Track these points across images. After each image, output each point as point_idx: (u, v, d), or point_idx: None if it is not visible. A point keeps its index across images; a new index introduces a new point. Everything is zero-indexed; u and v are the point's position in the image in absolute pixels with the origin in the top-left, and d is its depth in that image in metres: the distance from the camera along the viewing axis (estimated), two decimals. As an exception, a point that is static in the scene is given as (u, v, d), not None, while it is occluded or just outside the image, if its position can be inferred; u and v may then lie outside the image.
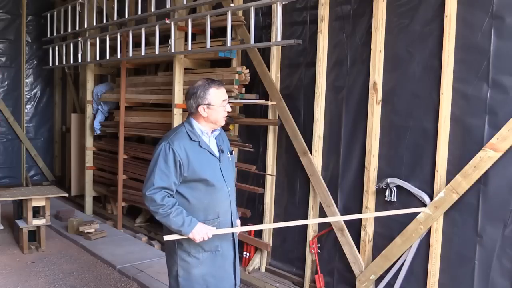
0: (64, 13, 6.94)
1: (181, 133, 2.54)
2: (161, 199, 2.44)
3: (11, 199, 5.24)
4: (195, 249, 2.57)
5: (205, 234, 2.49)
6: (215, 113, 2.55)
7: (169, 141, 2.49)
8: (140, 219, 6.23)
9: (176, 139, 2.50)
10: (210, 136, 2.63)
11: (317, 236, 4.05)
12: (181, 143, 2.49)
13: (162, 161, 2.46)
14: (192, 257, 2.58)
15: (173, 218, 2.45)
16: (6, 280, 4.41)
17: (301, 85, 4.20)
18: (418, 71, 3.34)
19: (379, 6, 3.48)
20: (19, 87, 8.39)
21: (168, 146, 2.47)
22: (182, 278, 2.60)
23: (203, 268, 2.60)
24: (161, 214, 2.46)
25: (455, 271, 3.16)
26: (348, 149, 3.82)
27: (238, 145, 4.70)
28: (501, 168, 2.91)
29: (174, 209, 2.46)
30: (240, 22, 4.62)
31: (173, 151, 2.45)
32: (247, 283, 4.45)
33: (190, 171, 2.49)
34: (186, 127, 2.57)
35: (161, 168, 2.46)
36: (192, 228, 2.46)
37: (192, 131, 2.55)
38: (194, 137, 2.54)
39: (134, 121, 6.01)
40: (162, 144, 2.50)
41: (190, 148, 2.50)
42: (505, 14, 2.89)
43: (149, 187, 2.46)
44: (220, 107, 2.55)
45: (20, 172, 8.43)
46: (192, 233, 2.47)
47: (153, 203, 2.45)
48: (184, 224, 2.45)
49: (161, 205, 2.44)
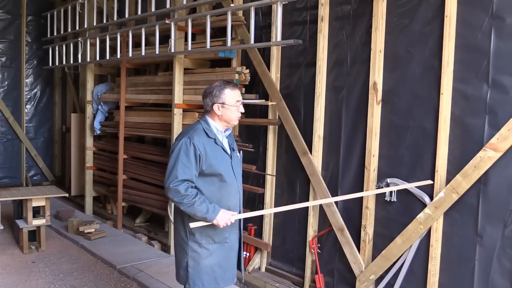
0: (64, 13, 6.95)
1: (199, 130, 2.70)
2: (185, 190, 2.58)
3: (11, 199, 5.24)
4: (206, 240, 2.73)
5: (228, 219, 2.65)
6: (229, 112, 2.73)
7: (189, 136, 2.65)
8: (140, 219, 6.23)
9: (196, 135, 2.66)
10: (223, 135, 2.80)
11: (317, 236, 4.05)
12: (200, 139, 2.66)
13: (183, 155, 2.61)
14: (203, 248, 2.73)
15: (198, 207, 2.58)
16: (6, 280, 4.41)
17: (301, 85, 4.20)
18: (418, 71, 3.34)
19: (379, 6, 3.48)
20: (19, 87, 8.39)
21: (189, 141, 2.62)
22: (192, 268, 2.74)
23: (212, 259, 2.75)
24: (186, 204, 2.58)
25: (455, 271, 3.16)
26: (348, 149, 3.82)
27: (238, 145, 4.70)
28: (501, 168, 2.91)
29: (198, 198, 2.60)
30: (240, 22, 4.62)
31: (194, 145, 2.61)
32: (247, 283, 4.45)
33: (207, 165, 2.65)
34: (203, 124, 2.74)
35: (183, 161, 2.60)
36: (217, 214, 2.62)
37: (208, 129, 2.72)
38: (211, 134, 2.71)
39: (134, 121, 6.01)
40: (182, 139, 2.65)
41: (207, 144, 2.67)
42: (505, 14, 2.89)
43: (172, 180, 2.59)
44: (234, 107, 2.73)
45: (20, 172, 8.43)
46: (216, 219, 2.62)
47: (178, 195, 2.58)
48: (208, 211, 2.60)
49: (186, 195, 2.58)
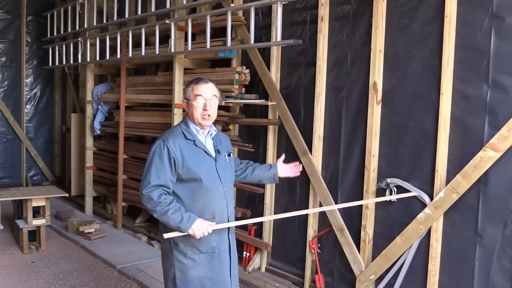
0: (64, 13, 6.94)
1: (176, 132, 2.58)
2: (158, 197, 2.44)
3: (11, 199, 5.24)
4: (191, 250, 2.56)
5: (205, 229, 2.47)
6: (192, 109, 2.56)
7: (164, 139, 2.52)
8: (140, 219, 6.23)
9: (171, 137, 2.53)
10: (207, 136, 2.64)
11: (317, 236, 4.05)
12: (176, 141, 2.51)
13: (157, 159, 2.48)
14: (188, 259, 2.57)
15: (171, 215, 2.43)
16: (6, 280, 4.41)
17: (301, 85, 4.20)
18: (418, 71, 3.34)
19: (379, 6, 3.48)
20: (19, 87, 8.39)
21: (163, 144, 2.49)
22: (179, 280, 2.58)
23: (200, 270, 2.58)
24: (159, 212, 2.44)
25: (455, 271, 3.16)
26: (348, 149, 3.82)
27: (238, 145, 4.70)
28: (501, 168, 2.91)
29: (172, 206, 2.44)
30: (240, 22, 4.62)
31: (167, 148, 2.48)
32: (247, 283, 4.45)
33: (184, 170, 2.50)
34: (182, 126, 2.61)
35: (157, 165, 2.47)
36: (192, 223, 2.44)
37: (187, 130, 2.58)
38: (189, 136, 2.56)
39: (134, 121, 6.01)
40: (157, 142, 2.54)
41: (185, 146, 2.52)
42: (505, 14, 2.89)
43: (145, 186, 2.46)
44: (193, 102, 2.54)
45: (20, 172, 8.43)
46: (191, 229, 2.44)
47: (150, 201, 2.45)
48: (183, 220, 2.43)
49: (159, 202, 2.43)
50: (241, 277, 4.48)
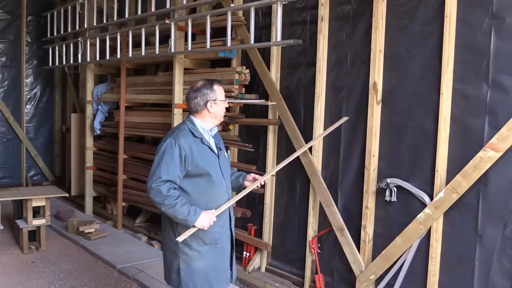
0: (64, 13, 6.94)
1: (185, 130, 2.68)
2: (167, 191, 2.54)
3: (11, 199, 5.24)
4: (196, 242, 2.67)
5: (211, 218, 2.61)
6: (220, 108, 2.73)
7: (175, 137, 2.62)
8: (140, 219, 6.23)
9: (182, 135, 2.64)
10: (210, 135, 2.76)
11: (317, 236, 4.05)
12: (186, 139, 2.62)
13: (168, 155, 2.58)
14: (193, 250, 2.68)
15: (179, 208, 2.54)
16: (6, 280, 4.41)
17: (301, 85, 4.20)
18: (418, 71, 3.34)
19: (379, 6, 3.48)
20: (19, 87, 8.39)
21: (174, 141, 2.59)
22: (184, 271, 2.69)
23: (204, 261, 2.70)
24: (167, 205, 2.54)
25: (455, 271, 3.16)
26: (348, 149, 3.82)
27: (238, 145, 4.70)
28: (501, 168, 2.91)
29: (179, 200, 2.55)
30: (240, 22, 4.62)
31: (179, 146, 2.58)
32: (247, 283, 4.45)
33: (193, 166, 2.61)
34: (188, 125, 2.71)
35: (167, 162, 2.57)
36: (198, 216, 2.57)
37: (194, 129, 2.69)
38: (197, 134, 2.67)
39: (134, 121, 6.01)
40: (167, 140, 2.63)
41: (194, 144, 2.64)
42: (505, 14, 2.89)
43: (155, 180, 2.55)
44: (224, 102, 2.75)
45: (20, 172, 8.43)
46: (198, 221, 2.57)
47: (159, 195, 2.54)
48: (189, 213, 2.55)
49: (168, 196, 2.53)
50: (241, 277, 4.49)
